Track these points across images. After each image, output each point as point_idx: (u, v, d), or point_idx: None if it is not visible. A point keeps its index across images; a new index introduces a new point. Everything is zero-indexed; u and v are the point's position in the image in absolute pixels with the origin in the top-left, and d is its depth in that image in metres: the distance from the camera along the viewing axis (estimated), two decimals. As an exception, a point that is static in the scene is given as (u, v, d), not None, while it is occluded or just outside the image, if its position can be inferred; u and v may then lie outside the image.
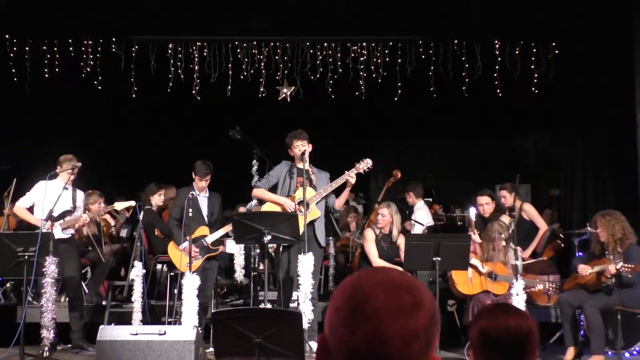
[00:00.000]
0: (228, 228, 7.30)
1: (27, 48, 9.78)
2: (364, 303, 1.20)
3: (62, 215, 7.02)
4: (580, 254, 7.93)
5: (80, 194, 7.42)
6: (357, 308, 1.20)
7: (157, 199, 8.62)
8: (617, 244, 6.57)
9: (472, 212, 7.72)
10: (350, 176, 6.86)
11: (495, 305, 2.42)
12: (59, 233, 6.97)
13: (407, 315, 1.19)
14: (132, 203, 7.73)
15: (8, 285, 8.33)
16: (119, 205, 7.64)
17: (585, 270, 6.62)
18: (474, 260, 7.10)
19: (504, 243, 7.15)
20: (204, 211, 7.41)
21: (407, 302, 1.20)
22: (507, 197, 8.04)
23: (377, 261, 7.71)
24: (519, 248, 7.11)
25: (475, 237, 7.43)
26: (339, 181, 6.91)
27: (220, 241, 7.58)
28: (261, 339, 4.62)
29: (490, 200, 7.95)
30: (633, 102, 8.75)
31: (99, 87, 10.05)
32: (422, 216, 9.12)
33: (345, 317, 1.20)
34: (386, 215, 7.83)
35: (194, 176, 7.41)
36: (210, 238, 7.30)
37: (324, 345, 1.25)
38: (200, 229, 7.27)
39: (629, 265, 6.31)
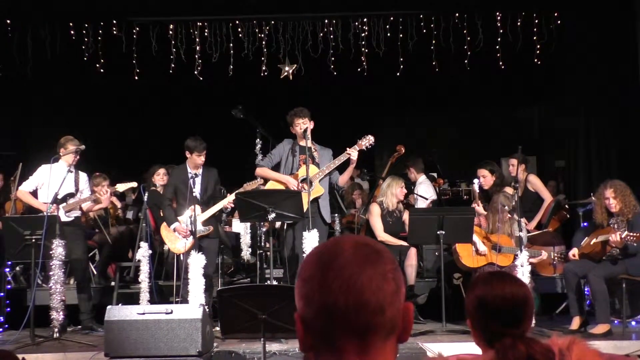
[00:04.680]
0: (219, 206, 7.23)
1: (28, 32, 9.77)
2: (332, 262, 1.27)
3: (65, 199, 7.05)
4: (584, 224, 7.92)
5: (83, 176, 7.42)
6: (326, 268, 1.27)
7: (157, 179, 8.63)
8: (628, 214, 6.56)
9: (475, 185, 7.71)
10: (352, 153, 6.86)
11: (491, 274, 2.44)
12: (62, 216, 7.00)
13: (373, 263, 1.27)
14: (134, 184, 7.75)
15: (17, 268, 8.40)
16: (121, 187, 7.64)
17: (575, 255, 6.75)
18: (474, 237, 7.11)
19: (509, 215, 7.14)
20: (197, 189, 7.21)
21: (369, 252, 1.29)
22: (515, 167, 7.92)
23: (382, 235, 7.73)
24: (523, 219, 7.11)
25: (479, 208, 7.42)
26: (342, 158, 6.93)
27: (215, 219, 7.39)
28: (266, 315, 4.64)
29: (489, 173, 7.79)
30: (637, 71, 8.71)
31: (101, 70, 10.04)
32: (425, 190, 9.12)
33: (319, 280, 1.26)
34: (403, 186, 7.91)
35: (189, 155, 7.23)
36: (201, 217, 7.09)
37: (301, 322, 1.29)
38: (192, 208, 7.05)
39: (634, 234, 6.31)
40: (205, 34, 9.96)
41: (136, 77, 10.01)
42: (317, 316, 1.26)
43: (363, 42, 9.94)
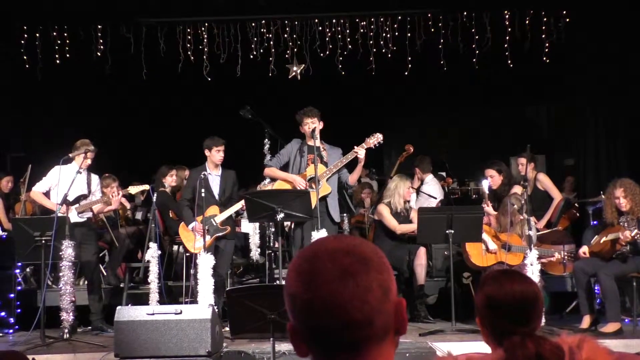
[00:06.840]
0: (236, 207, 7.29)
1: (37, 35, 9.82)
2: (313, 280, 1.22)
3: (77, 200, 7.08)
4: (594, 222, 7.89)
5: (95, 178, 7.47)
6: (307, 287, 1.22)
7: (169, 180, 8.65)
8: (638, 212, 6.53)
9: (485, 184, 7.68)
10: (359, 151, 6.85)
11: (501, 272, 2.43)
12: (74, 217, 7.04)
13: (354, 276, 1.21)
14: (147, 187, 7.80)
15: (28, 270, 8.44)
16: (134, 189, 7.69)
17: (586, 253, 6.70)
18: (484, 236, 7.09)
19: (521, 216, 7.09)
20: (215, 190, 7.36)
21: (348, 263, 1.22)
22: (524, 166, 7.88)
23: (399, 227, 7.73)
24: (532, 218, 7.08)
25: (489, 209, 7.40)
26: (349, 157, 6.92)
27: (232, 220, 7.53)
28: (275, 316, 4.64)
29: (496, 173, 7.74)
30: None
31: (110, 72, 10.07)
32: (431, 189, 9.10)
33: (301, 300, 1.23)
34: (410, 186, 7.91)
35: (208, 152, 7.35)
36: (219, 217, 7.24)
37: (294, 332, 1.28)
38: (210, 208, 7.22)
39: (644, 232, 6.28)
40: (214, 34, 9.97)
41: (144, 78, 10.03)
42: (305, 332, 1.25)
43: (371, 42, 9.93)
